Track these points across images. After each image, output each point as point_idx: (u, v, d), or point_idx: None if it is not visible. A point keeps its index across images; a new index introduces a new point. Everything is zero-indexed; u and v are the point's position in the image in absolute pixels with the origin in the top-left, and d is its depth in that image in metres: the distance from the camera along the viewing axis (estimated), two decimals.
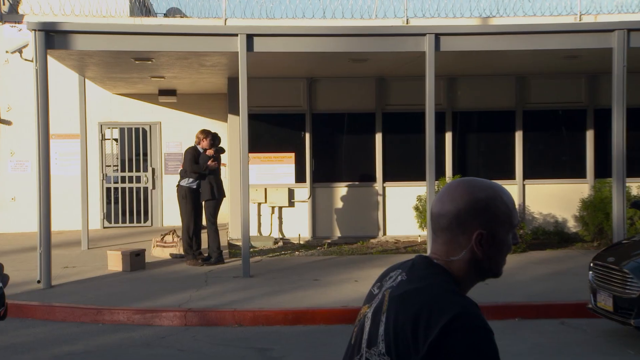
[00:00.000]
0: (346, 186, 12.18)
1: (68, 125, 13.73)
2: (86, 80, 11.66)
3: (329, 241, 11.94)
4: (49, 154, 8.60)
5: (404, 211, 12.01)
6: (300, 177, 12.14)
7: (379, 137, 12.17)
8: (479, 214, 1.62)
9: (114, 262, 9.51)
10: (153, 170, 14.32)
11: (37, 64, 8.44)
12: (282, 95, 12.11)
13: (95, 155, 13.84)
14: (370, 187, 12.20)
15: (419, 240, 11.90)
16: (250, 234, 9.92)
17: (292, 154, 12.12)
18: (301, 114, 12.15)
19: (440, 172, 11.47)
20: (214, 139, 10.04)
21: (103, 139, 14.15)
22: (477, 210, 1.62)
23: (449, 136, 12.23)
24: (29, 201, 13.46)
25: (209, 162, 9.78)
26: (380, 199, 12.15)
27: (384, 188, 12.18)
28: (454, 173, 11.97)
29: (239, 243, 10.80)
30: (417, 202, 11.36)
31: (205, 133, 10.07)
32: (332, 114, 12.20)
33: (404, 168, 12.20)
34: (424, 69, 9.12)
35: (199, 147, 10.03)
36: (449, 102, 12.22)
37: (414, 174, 11.84)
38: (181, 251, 10.26)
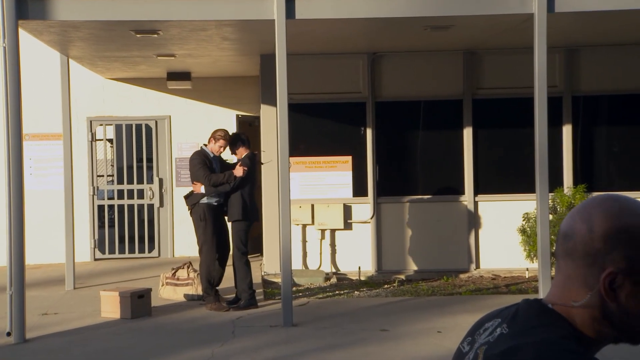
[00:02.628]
0: (423, 201, 12.12)
1: (46, 122, 13.98)
2: (71, 61, 11.89)
3: (400, 277, 11.88)
4: (22, 161, 8.76)
5: (504, 235, 11.89)
6: (359, 189, 12.14)
7: (468, 133, 12.09)
8: (620, 244, 1.57)
9: (110, 307, 9.63)
10: (160, 181, 14.51)
11: (5, 40, 8.61)
12: (334, 78, 12.14)
13: (83, 162, 14.07)
14: (456, 202, 12.13)
15: (527, 275, 11.75)
16: (293, 268, 9.92)
17: (349, 158, 12.14)
18: (360, 103, 12.16)
19: (556, 181, 11.31)
20: (244, 142, 10.14)
21: (93, 139, 14.39)
22: (619, 240, 1.57)
23: (567, 130, 12.06)
24: None
25: (237, 168, 9.82)
26: (470, 218, 12.07)
27: (475, 203, 12.10)
28: (576, 182, 11.79)
29: (278, 280, 10.81)
30: (524, 223, 11.22)
31: (222, 134, 10.12)
32: (402, 103, 12.18)
33: (505, 175, 12.11)
34: (532, 38, 9.03)
35: (208, 149, 10.14)
36: (567, 83, 12.06)
37: (519, 183, 11.74)
38: (199, 291, 10.35)
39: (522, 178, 11.53)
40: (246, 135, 10.59)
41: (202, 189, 9.91)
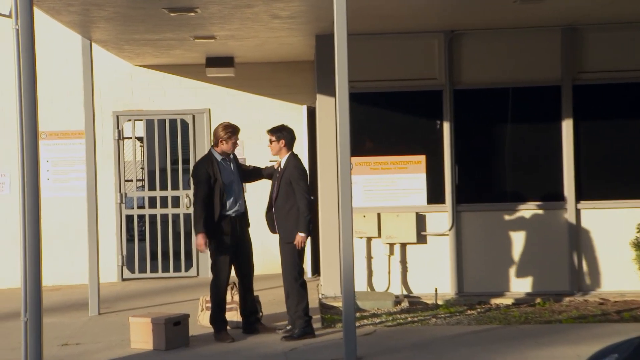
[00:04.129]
0: (513, 209, 12.08)
1: (66, 118, 14.11)
2: (94, 45, 11.97)
3: (486, 301, 11.77)
4: (38, 164, 8.78)
5: (614, 250, 11.85)
6: (435, 195, 12.13)
7: (567, 127, 12.01)
8: None
9: (141, 336, 9.65)
10: None
11: (17, 22, 8.66)
12: (404, 62, 12.15)
13: (108, 165, 14.17)
14: (554, 209, 12.06)
15: None
16: (357, 289, 9.84)
17: (422, 158, 12.12)
18: (435, 92, 12.15)
19: None
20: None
21: (121, 137, 14.49)
22: None
23: None
24: (6, 239, 13.88)
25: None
26: (572, 229, 11.98)
27: (578, 211, 12.01)
28: None
29: (338, 304, 10.76)
30: (639, 235, 11.08)
31: (231, 130, 9.99)
32: (486, 90, 12.17)
33: (614, 177, 12.05)
34: None
35: (216, 153, 10.06)
36: None
37: (632, 186, 11.75)
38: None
39: (636, 180, 11.39)
40: (292, 131, 10.27)
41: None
